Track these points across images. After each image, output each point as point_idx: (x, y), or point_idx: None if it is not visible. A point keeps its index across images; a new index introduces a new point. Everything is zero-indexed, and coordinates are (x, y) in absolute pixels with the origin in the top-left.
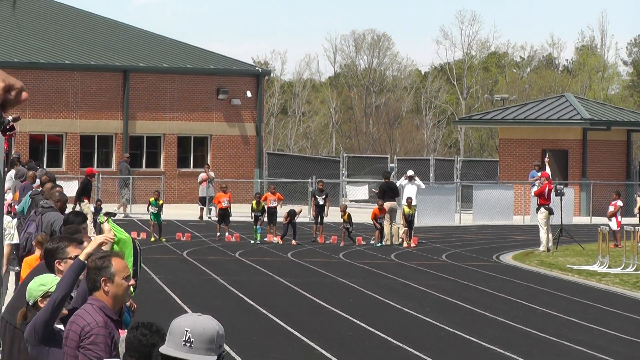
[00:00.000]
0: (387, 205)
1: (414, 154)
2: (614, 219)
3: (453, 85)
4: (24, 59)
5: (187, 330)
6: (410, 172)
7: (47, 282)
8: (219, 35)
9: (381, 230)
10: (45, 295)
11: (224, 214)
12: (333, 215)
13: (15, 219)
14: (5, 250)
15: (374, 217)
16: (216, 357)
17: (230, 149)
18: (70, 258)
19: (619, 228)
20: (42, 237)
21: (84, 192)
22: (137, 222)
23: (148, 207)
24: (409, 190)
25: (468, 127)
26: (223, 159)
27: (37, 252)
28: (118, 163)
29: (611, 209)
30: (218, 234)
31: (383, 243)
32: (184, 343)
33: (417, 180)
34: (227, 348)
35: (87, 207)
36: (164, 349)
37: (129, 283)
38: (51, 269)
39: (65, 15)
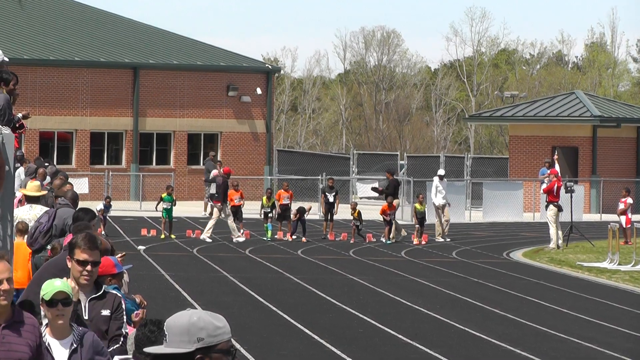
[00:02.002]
0: (394, 201)
1: (424, 151)
2: (624, 216)
3: (463, 82)
4: (33, 55)
5: (165, 326)
6: (441, 172)
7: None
8: (229, 32)
9: (390, 226)
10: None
11: (237, 212)
12: (343, 212)
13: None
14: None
15: (383, 212)
16: (194, 349)
17: (240, 146)
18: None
19: (629, 225)
20: None
21: (225, 191)
22: (147, 219)
23: (158, 204)
24: (442, 189)
25: (478, 124)
26: (233, 156)
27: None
28: (204, 162)
29: (621, 206)
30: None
31: (391, 239)
32: (163, 339)
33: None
34: (237, 345)
35: (224, 209)
36: (146, 349)
37: (1, 287)
38: None
39: (74, 11)
